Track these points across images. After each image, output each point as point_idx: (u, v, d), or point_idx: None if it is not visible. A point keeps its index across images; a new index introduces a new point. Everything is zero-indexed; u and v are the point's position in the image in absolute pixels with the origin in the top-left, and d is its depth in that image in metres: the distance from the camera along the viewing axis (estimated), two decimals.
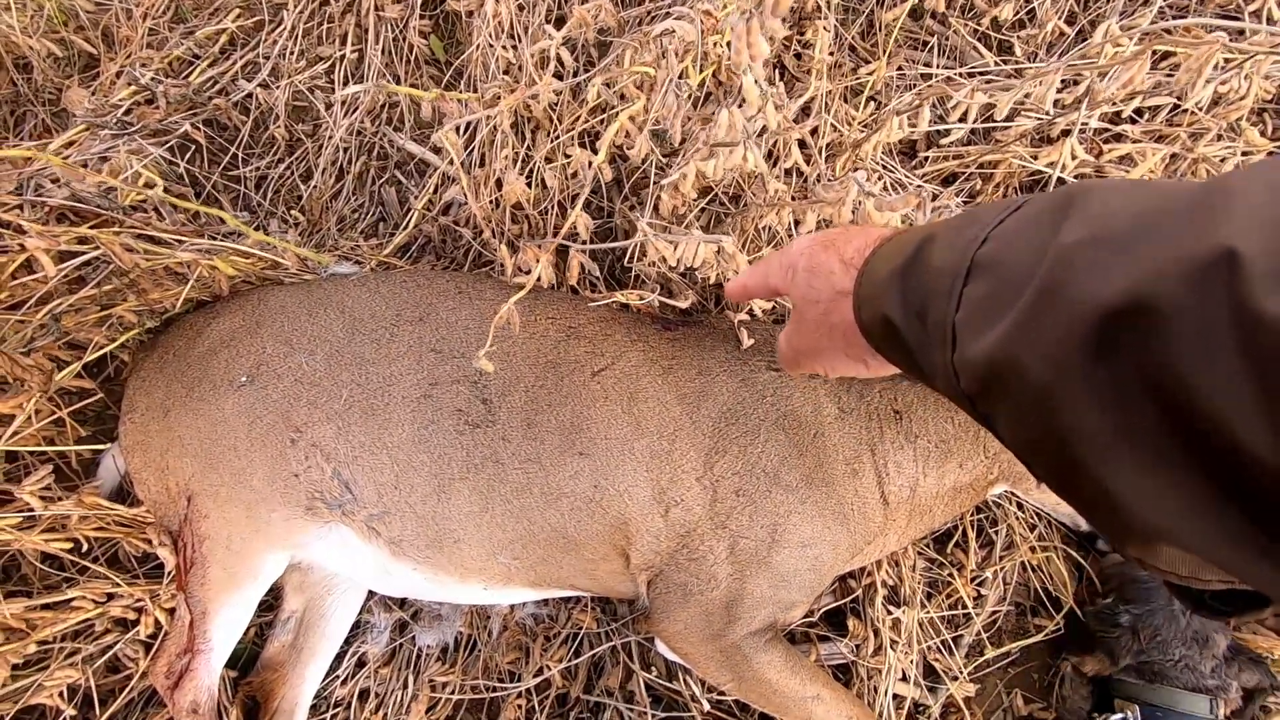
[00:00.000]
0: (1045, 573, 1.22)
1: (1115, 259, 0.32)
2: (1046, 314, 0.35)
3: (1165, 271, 0.30)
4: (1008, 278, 0.38)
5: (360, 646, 1.21)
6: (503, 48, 1.40)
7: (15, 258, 0.90)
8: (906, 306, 0.47)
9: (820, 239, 0.61)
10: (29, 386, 0.93)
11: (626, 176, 1.46)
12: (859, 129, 1.33)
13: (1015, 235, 0.40)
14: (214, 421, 1.01)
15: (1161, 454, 0.30)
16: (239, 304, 1.12)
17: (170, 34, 1.61)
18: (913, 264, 0.47)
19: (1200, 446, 0.29)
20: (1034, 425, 0.37)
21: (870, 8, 1.55)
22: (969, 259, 0.42)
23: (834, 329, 0.60)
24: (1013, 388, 0.37)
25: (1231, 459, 0.27)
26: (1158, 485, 0.31)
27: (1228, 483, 0.28)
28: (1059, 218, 0.37)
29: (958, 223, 0.45)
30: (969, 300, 0.41)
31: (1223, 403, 0.27)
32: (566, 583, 1.09)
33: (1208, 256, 0.28)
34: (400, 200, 1.53)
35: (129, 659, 1.12)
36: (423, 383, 1.01)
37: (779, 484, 1.02)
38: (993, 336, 0.38)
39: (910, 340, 0.47)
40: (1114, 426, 0.32)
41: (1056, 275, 0.35)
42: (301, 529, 1.02)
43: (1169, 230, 0.31)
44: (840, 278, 0.58)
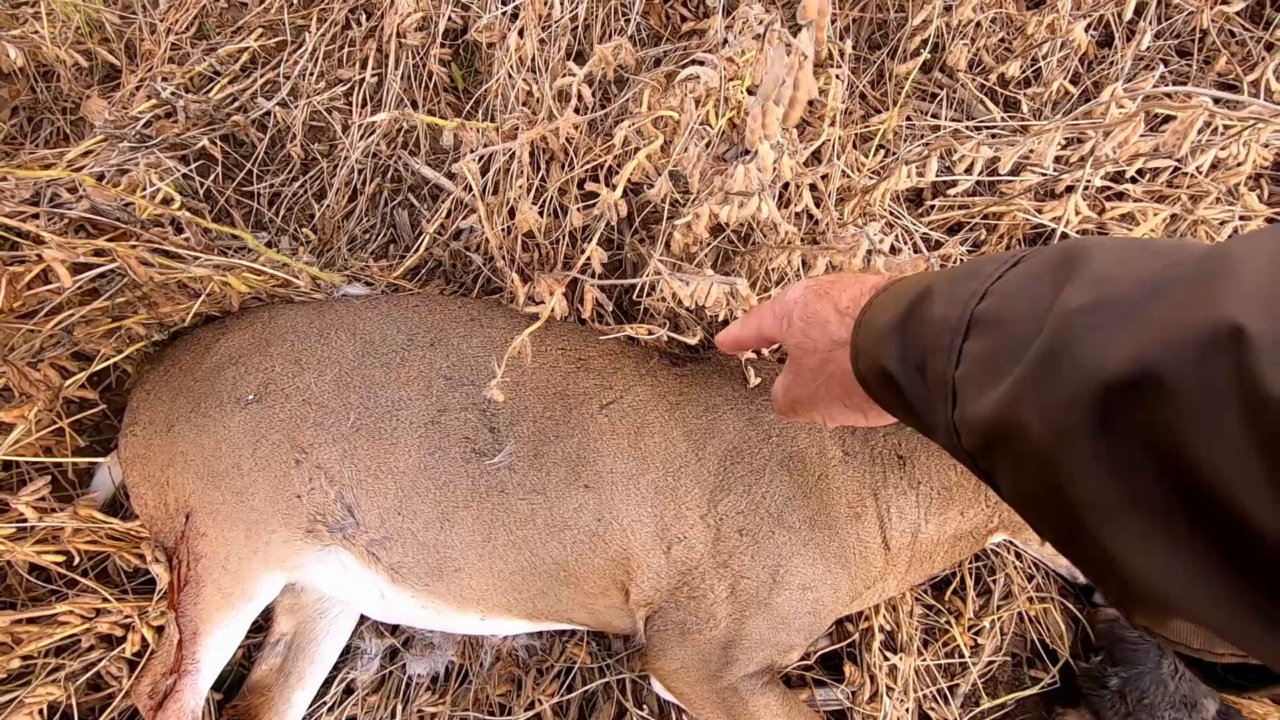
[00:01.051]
0: (1042, 624, 1.22)
1: (1118, 326, 0.32)
2: (1050, 379, 0.35)
3: (1170, 343, 0.30)
4: (1009, 337, 0.38)
5: (349, 672, 1.19)
6: (523, 80, 1.43)
7: (32, 268, 0.90)
8: (905, 359, 0.47)
9: (815, 287, 0.61)
10: (34, 398, 0.93)
11: (638, 210, 1.48)
12: (868, 176, 1.36)
13: (1015, 292, 0.40)
14: (218, 439, 1.00)
15: (1169, 525, 0.30)
16: (249, 321, 1.12)
17: (193, 50, 1.63)
18: (911, 316, 0.47)
19: (1209, 521, 0.29)
20: (1038, 488, 0.37)
21: (881, 59, 1.59)
22: (969, 314, 0.42)
23: (831, 378, 0.59)
24: (1016, 449, 0.37)
25: (1242, 536, 0.27)
26: (1165, 556, 0.31)
27: (1238, 558, 0.28)
28: (1060, 277, 0.37)
29: (956, 275, 0.45)
30: (969, 357, 0.41)
31: (1232, 480, 0.27)
32: (564, 616, 1.08)
33: (1213, 330, 0.28)
34: (412, 223, 1.54)
35: (112, 677, 1.10)
36: (431, 408, 1.01)
37: (782, 525, 1.02)
38: (995, 397, 0.38)
39: (909, 392, 0.47)
40: (1120, 495, 0.32)
41: (1060, 340, 0.35)
42: (301, 551, 1.01)
43: (1172, 299, 0.31)
44: (836, 327, 0.58)
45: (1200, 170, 1.27)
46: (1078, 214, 1.21)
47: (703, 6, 1.66)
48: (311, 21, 1.65)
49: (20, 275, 0.88)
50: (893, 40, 1.54)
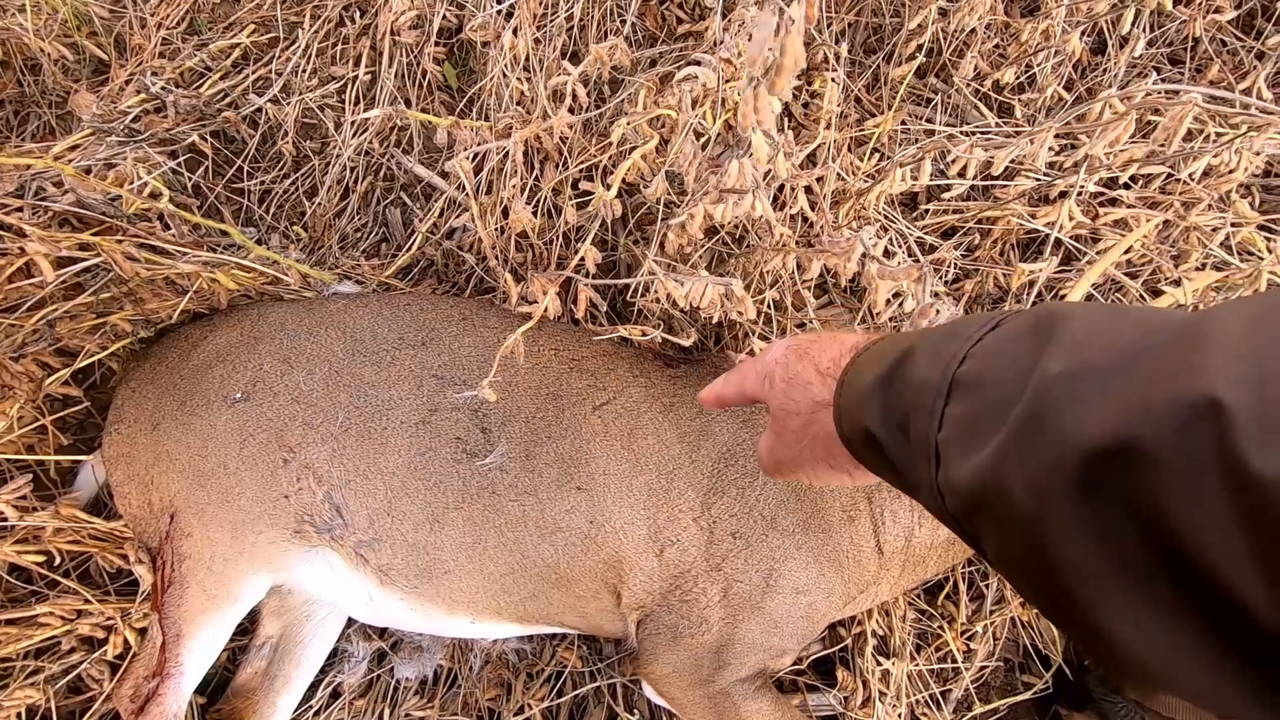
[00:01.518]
0: (1035, 629, 1.22)
1: (1099, 394, 0.33)
2: (1032, 444, 0.35)
3: (1149, 413, 0.30)
4: (990, 400, 0.39)
5: (336, 676, 1.17)
6: (517, 79, 1.42)
7: (14, 261, 0.88)
8: (887, 419, 0.47)
9: (795, 347, 0.62)
10: (16, 393, 0.91)
11: (632, 211, 1.48)
12: (863, 179, 1.35)
13: (995, 355, 0.41)
14: (205, 438, 0.99)
15: (1153, 594, 0.30)
16: (237, 318, 1.10)
17: (184, 45, 1.61)
18: (893, 376, 0.47)
19: (1193, 592, 0.29)
20: (1022, 553, 0.37)
21: (876, 63, 1.59)
22: (950, 376, 0.42)
23: (815, 440, 0.59)
24: (999, 514, 0.37)
25: (1226, 608, 0.28)
26: (1150, 625, 0.31)
27: (1222, 629, 0.29)
28: (1040, 342, 0.38)
29: (937, 336, 0.46)
30: (951, 419, 0.41)
31: (1215, 553, 0.27)
32: (555, 619, 1.07)
33: (1191, 403, 0.29)
34: (404, 222, 1.53)
35: (93, 680, 1.08)
36: (422, 408, 1.00)
37: (776, 528, 1.01)
38: (977, 462, 0.38)
39: (892, 453, 0.47)
40: (1105, 563, 0.32)
41: (1040, 405, 0.35)
42: (287, 552, 0.99)
43: (1151, 369, 0.32)
44: (818, 389, 0.58)
45: (1193, 177, 1.28)
46: (1071, 219, 1.22)
47: (699, 8, 1.66)
48: (305, 18, 1.64)
49: (2, 269, 0.87)
50: (888, 45, 1.54)
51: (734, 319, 1.20)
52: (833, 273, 1.33)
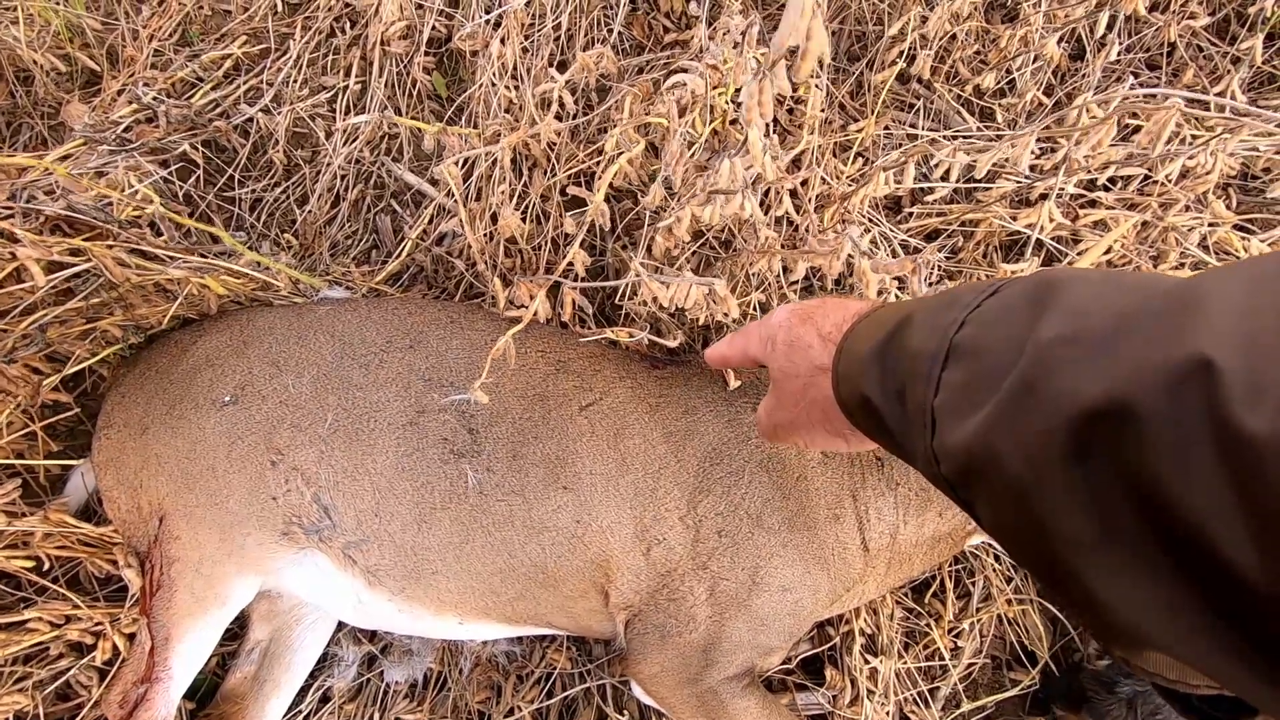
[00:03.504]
0: (1021, 626, 1.23)
1: (1092, 359, 0.33)
2: (1025, 409, 0.35)
3: (1142, 376, 0.30)
4: (986, 366, 0.39)
5: (326, 680, 1.17)
6: (505, 87, 1.44)
7: (5, 266, 0.89)
8: (885, 386, 0.47)
9: (799, 312, 0.62)
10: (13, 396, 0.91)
11: (620, 217, 1.49)
12: (847, 183, 1.37)
13: (993, 322, 0.41)
14: (193, 441, 0.99)
15: (1143, 558, 0.31)
16: (226, 323, 1.11)
17: (175, 56, 1.63)
18: (891, 343, 0.47)
19: (1184, 555, 0.29)
20: (1014, 518, 0.37)
21: (860, 70, 1.62)
22: (947, 343, 0.42)
23: (813, 404, 0.60)
24: (992, 479, 0.38)
25: (1216, 572, 0.28)
26: (1140, 590, 0.31)
27: (1212, 593, 0.28)
28: (1036, 309, 0.38)
29: (935, 304, 0.46)
30: (947, 385, 0.41)
31: (1204, 516, 0.27)
32: (543, 620, 1.07)
33: (1183, 364, 0.29)
34: (394, 229, 1.54)
35: (82, 686, 1.08)
36: (409, 409, 1.01)
37: (761, 526, 1.02)
38: (971, 426, 0.38)
39: (889, 419, 0.47)
40: (1096, 527, 0.32)
41: (1035, 371, 0.35)
42: (276, 554, 1.00)
43: (1145, 333, 0.32)
44: (819, 353, 0.58)
45: (1170, 179, 1.30)
46: (1051, 220, 1.24)
47: (685, 18, 1.68)
48: (296, 29, 1.65)
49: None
50: (871, 52, 1.57)
51: (720, 320, 1.22)
52: (819, 275, 1.35)
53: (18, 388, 0.92)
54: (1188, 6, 1.54)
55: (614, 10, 1.61)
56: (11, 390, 0.92)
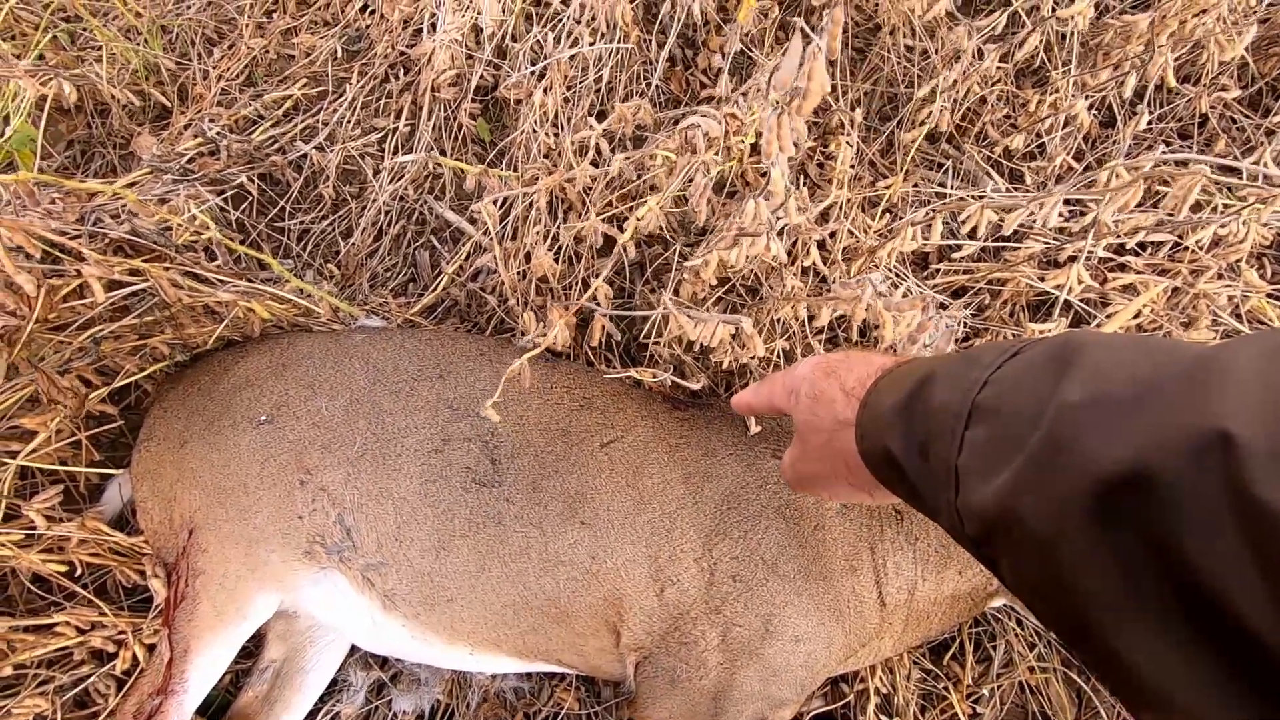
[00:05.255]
0: (1044, 695, 1.18)
1: (1115, 424, 0.33)
2: (1049, 472, 0.36)
3: (1163, 445, 0.31)
4: (1009, 427, 0.39)
5: (335, 705, 1.17)
6: (545, 134, 1.51)
7: (70, 282, 0.95)
8: (908, 441, 0.48)
9: (823, 365, 0.63)
10: (62, 406, 0.96)
11: (649, 261, 1.54)
12: (875, 237, 1.40)
13: (1015, 383, 0.41)
14: (228, 457, 1.03)
15: (1168, 622, 0.31)
16: (268, 346, 1.16)
17: (240, 95, 1.74)
18: (914, 400, 0.48)
19: (1209, 624, 0.29)
20: (1039, 579, 0.37)
21: (890, 129, 1.66)
22: (970, 401, 0.42)
23: (837, 457, 0.60)
24: (1016, 539, 0.38)
25: (1239, 638, 0.28)
26: (1167, 653, 0.31)
27: (1236, 659, 0.29)
28: (1060, 371, 0.38)
29: (958, 362, 0.47)
30: (971, 444, 0.42)
31: (1228, 586, 0.28)
32: (554, 657, 1.07)
33: (1203, 435, 0.29)
34: (432, 264, 1.60)
35: (99, 694, 1.09)
36: (435, 437, 1.03)
37: (776, 573, 1.02)
38: (995, 485, 0.39)
39: (912, 475, 0.48)
40: (1121, 591, 0.32)
41: (1058, 434, 0.36)
42: (297, 572, 1.02)
43: (1165, 401, 0.32)
44: (842, 407, 0.59)
45: (1200, 246, 1.30)
46: (1080, 283, 1.24)
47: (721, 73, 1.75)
48: (353, 74, 1.76)
49: (58, 288, 0.93)
50: (902, 112, 1.61)
51: (745, 363, 1.23)
52: (844, 324, 1.36)
53: (67, 398, 0.97)
54: (1219, 79, 1.56)
55: (653, 66, 1.69)
56: (62, 400, 0.97)
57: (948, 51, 1.54)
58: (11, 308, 0.89)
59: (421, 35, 1.74)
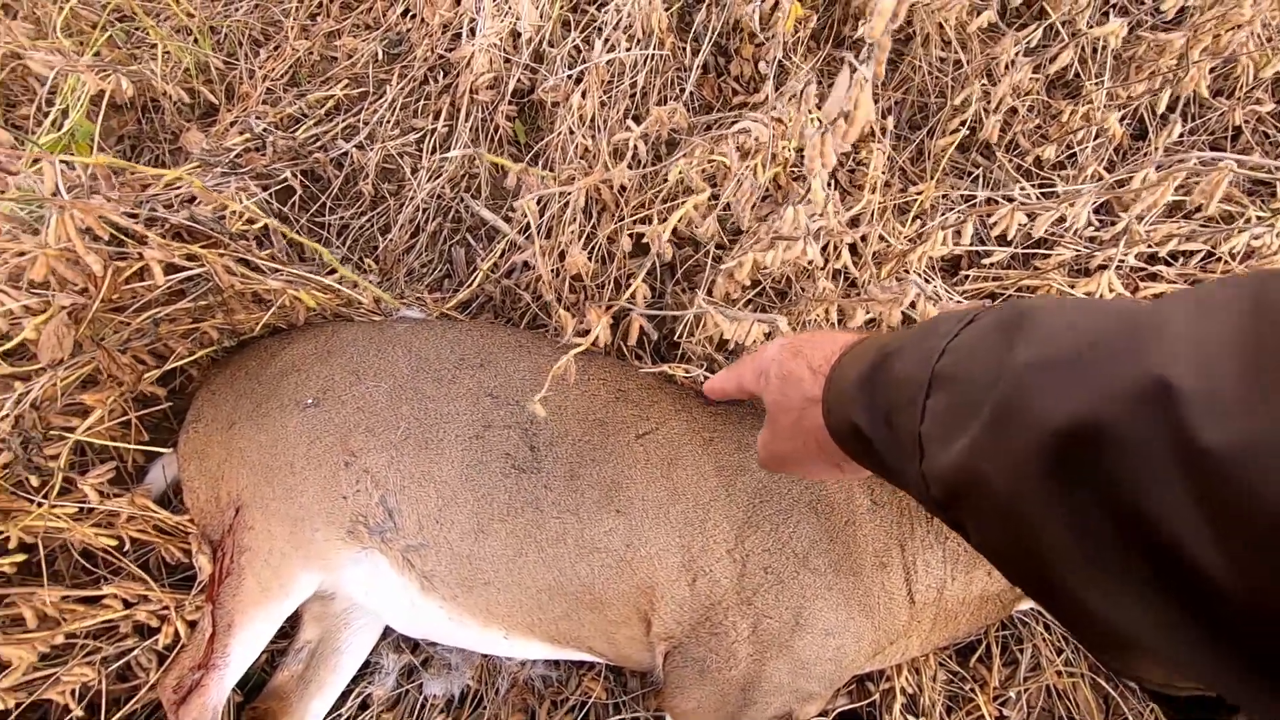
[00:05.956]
0: (1072, 700, 1.18)
1: (1063, 382, 0.35)
2: (1004, 432, 0.37)
3: (1109, 397, 0.32)
4: (966, 392, 0.40)
5: (366, 687, 1.19)
6: (582, 136, 1.54)
7: (133, 264, 0.99)
8: (873, 413, 0.49)
9: (790, 346, 0.63)
10: (121, 383, 1.00)
11: (681, 263, 1.56)
12: (904, 242, 1.41)
13: (970, 350, 0.42)
14: (276, 437, 1.06)
15: (1127, 570, 0.32)
16: (313, 334, 1.19)
17: (285, 95, 1.79)
18: (877, 372, 0.49)
19: (1160, 562, 0.30)
20: (1002, 537, 0.39)
21: (921, 138, 1.68)
22: (930, 370, 0.43)
23: (807, 435, 0.61)
24: (978, 499, 0.39)
25: (1190, 578, 0.29)
26: (1128, 601, 0.32)
27: (1196, 604, 0.30)
28: (1010, 336, 0.39)
29: (917, 333, 0.48)
30: (932, 412, 0.43)
31: (1174, 524, 0.29)
32: (584, 644, 1.08)
33: (1145, 385, 0.31)
34: (467, 261, 1.64)
35: (141, 668, 1.12)
36: (476, 424, 1.06)
37: (807, 566, 1.03)
38: (956, 449, 0.40)
39: (879, 446, 0.49)
40: (1080, 543, 0.34)
41: (1011, 395, 0.37)
42: (339, 551, 1.05)
43: (1109, 356, 0.34)
44: (810, 385, 0.60)
45: (1233, 255, 1.31)
46: (1111, 290, 1.25)
47: (754, 82, 1.78)
48: (393, 76, 1.80)
49: (121, 270, 0.97)
50: (932, 121, 1.63)
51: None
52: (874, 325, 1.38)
53: (126, 375, 1.00)
54: (1253, 93, 1.56)
55: (687, 72, 1.72)
56: (120, 377, 1.00)
57: (980, 62, 1.56)
58: (80, 286, 0.92)
59: (460, 40, 1.78)
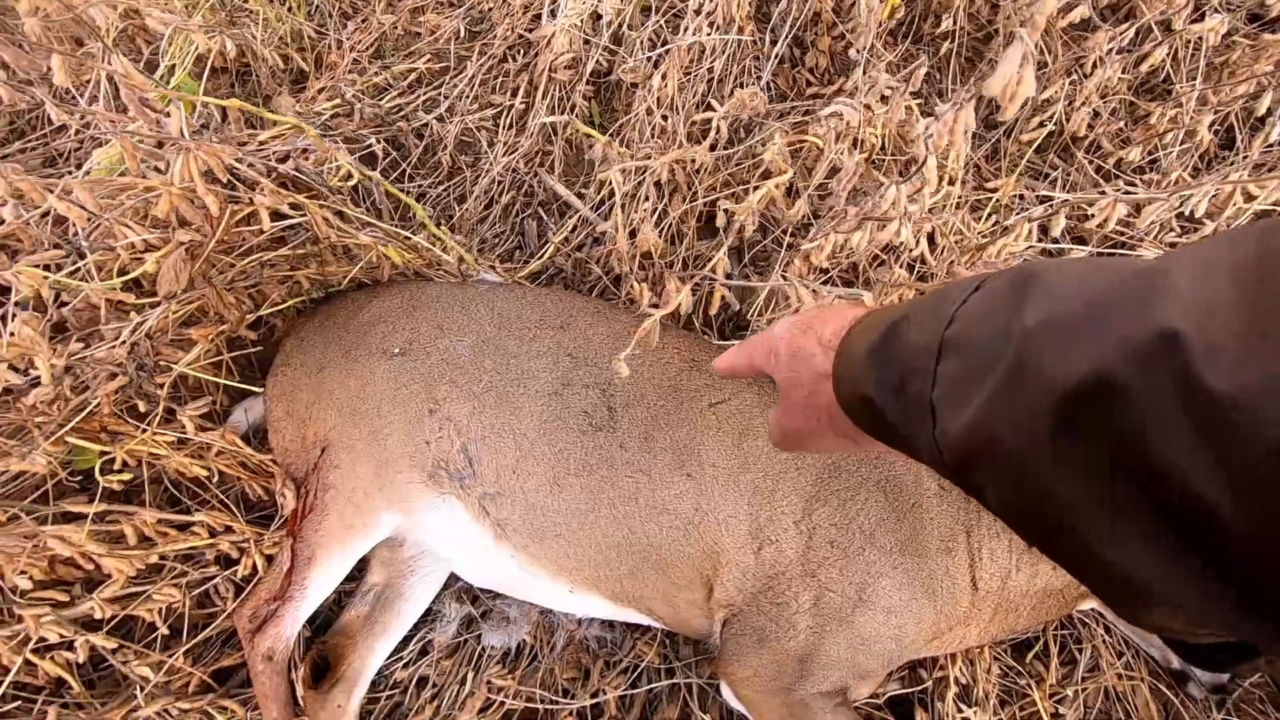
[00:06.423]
0: (1130, 703, 1.17)
1: (1073, 340, 0.35)
2: (1017, 391, 0.38)
3: (1118, 352, 0.33)
4: (977, 357, 0.41)
5: (427, 634, 1.23)
6: (660, 116, 1.57)
7: (244, 209, 1.04)
8: (884, 383, 0.49)
9: (799, 322, 0.63)
10: (224, 320, 1.05)
11: (748, 249, 1.58)
12: (979, 236, 1.41)
13: (980, 316, 0.43)
14: (364, 382, 1.11)
15: (1140, 520, 0.33)
16: (397, 289, 1.24)
17: (370, 66, 1.85)
18: (888, 342, 0.49)
19: (1176, 513, 0.31)
20: (1016, 494, 0.39)
21: (996, 137, 1.67)
22: (939, 338, 0.44)
23: (819, 410, 0.61)
24: (992, 459, 0.40)
25: (1203, 522, 0.30)
26: (1142, 550, 0.33)
27: (1204, 546, 0.30)
28: (1018, 299, 0.40)
29: (926, 302, 0.48)
30: (943, 378, 0.43)
31: (1184, 470, 0.30)
32: (645, 605, 1.11)
33: (1153, 337, 0.31)
34: (539, 234, 1.68)
35: (219, 596, 1.18)
36: (556, 382, 1.09)
37: (873, 544, 1.03)
38: (969, 412, 0.40)
39: (891, 416, 0.49)
40: (1092, 495, 0.34)
41: (1023, 355, 0.38)
42: (420, 495, 1.08)
43: (1118, 312, 0.34)
44: (820, 360, 0.59)
45: None
46: None
47: (828, 74, 1.79)
48: (474, 53, 1.85)
49: (235, 213, 1.02)
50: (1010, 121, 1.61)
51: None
52: None
53: (231, 313, 1.05)
54: None
55: (764, 61, 1.73)
56: (225, 315, 1.05)
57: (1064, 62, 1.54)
58: (198, 224, 0.97)
59: (540, 20, 1.83)
